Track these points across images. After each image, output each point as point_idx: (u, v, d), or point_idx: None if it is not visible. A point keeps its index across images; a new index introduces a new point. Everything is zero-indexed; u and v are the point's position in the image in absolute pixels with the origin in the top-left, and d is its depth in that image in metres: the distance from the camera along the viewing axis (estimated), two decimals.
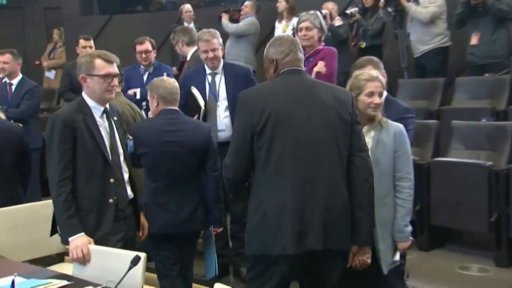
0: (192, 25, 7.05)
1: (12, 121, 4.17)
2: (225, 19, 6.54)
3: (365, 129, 2.75)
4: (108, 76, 2.76)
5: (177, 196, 3.14)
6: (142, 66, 5.04)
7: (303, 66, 2.57)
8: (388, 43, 6.29)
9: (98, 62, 2.76)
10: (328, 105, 2.44)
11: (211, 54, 3.92)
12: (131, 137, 3.15)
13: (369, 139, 2.73)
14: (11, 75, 5.41)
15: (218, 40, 3.98)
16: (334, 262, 2.46)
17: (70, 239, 2.62)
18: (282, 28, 6.20)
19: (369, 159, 2.51)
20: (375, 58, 3.30)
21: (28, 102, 5.31)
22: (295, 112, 2.40)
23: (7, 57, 5.38)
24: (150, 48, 4.98)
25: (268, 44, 2.61)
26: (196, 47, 4.76)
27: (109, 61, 2.78)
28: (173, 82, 3.29)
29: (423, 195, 4.23)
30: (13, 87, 5.42)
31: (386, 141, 2.72)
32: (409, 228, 2.73)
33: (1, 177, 3.68)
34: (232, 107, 3.85)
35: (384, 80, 2.88)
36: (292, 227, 2.33)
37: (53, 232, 2.80)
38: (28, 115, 5.25)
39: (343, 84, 3.04)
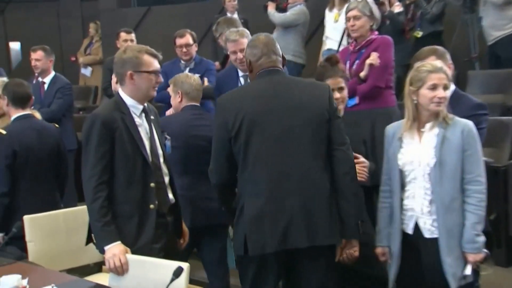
0: (236, 15, 7.03)
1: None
2: (271, 8, 6.48)
3: (428, 126, 2.70)
4: (156, 72, 2.80)
5: (203, 189, 3.24)
6: (182, 61, 5.06)
7: (279, 66, 2.79)
8: (455, 29, 6.05)
9: (146, 57, 2.78)
10: (302, 103, 2.66)
11: (240, 55, 3.85)
12: (169, 137, 3.22)
13: (432, 136, 2.68)
14: (44, 73, 5.52)
15: (247, 40, 3.83)
16: (321, 258, 2.63)
17: (106, 247, 2.64)
18: (334, 17, 6.09)
19: (350, 152, 2.69)
20: (440, 48, 3.19)
21: (59, 101, 5.39)
22: (268, 114, 2.63)
23: (39, 54, 5.47)
24: (191, 41, 4.99)
25: (247, 44, 2.91)
26: None
27: (156, 57, 2.82)
28: (197, 79, 3.51)
29: (499, 202, 4.06)
30: (46, 86, 5.52)
31: (453, 139, 2.64)
32: (481, 238, 2.64)
33: (38, 181, 3.77)
34: None
35: (450, 72, 2.80)
36: (271, 225, 2.56)
37: (88, 240, 2.83)
38: (59, 115, 5.33)
39: (402, 78, 2.96)
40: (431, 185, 2.68)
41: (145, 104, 2.86)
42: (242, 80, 3.96)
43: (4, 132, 3.73)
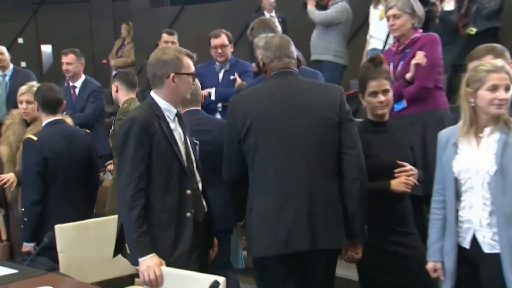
0: (273, 13, 7.00)
1: (77, 126, 4.28)
2: (311, 6, 6.41)
3: (487, 130, 2.61)
4: (194, 75, 2.85)
5: (210, 195, 3.18)
6: (217, 63, 5.05)
7: (292, 68, 2.91)
8: None
9: (186, 59, 2.80)
10: (312, 106, 2.77)
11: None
12: (197, 142, 3.23)
13: (492, 142, 2.59)
14: (74, 77, 5.57)
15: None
16: (325, 262, 2.78)
17: (140, 259, 2.62)
18: (379, 15, 5.98)
19: (360, 156, 2.77)
20: (498, 46, 3.09)
21: (93, 105, 5.43)
22: (276, 115, 2.76)
23: (70, 57, 5.53)
24: (226, 42, 4.98)
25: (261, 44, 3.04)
26: None
27: (192, 58, 2.85)
28: (197, 82, 3.41)
29: None
30: (77, 90, 5.57)
31: None
32: None
33: (68, 189, 3.79)
34: None
35: None
36: (275, 228, 2.70)
37: (116, 252, 2.81)
38: (93, 120, 5.40)
39: (452, 78, 2.87)
40: (491, 195, 2.58)
41: (178, 108, 2.86)
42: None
43: (35, 138, 3.77)
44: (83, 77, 5.62)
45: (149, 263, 2.59)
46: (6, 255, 4.23)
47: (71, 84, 5.61)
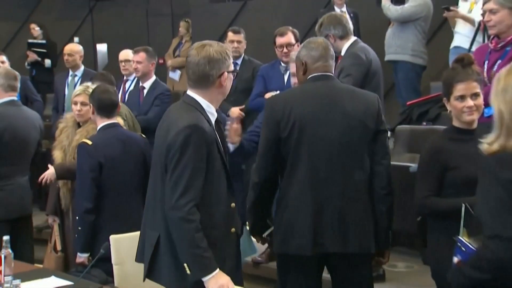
0: (344, 8, 6.97)
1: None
2: (385, 1, 6.34)
3: None
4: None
5: None
6: (282, 63, 5.06)
7: (333, 72, 3.19)
8: None
9: (231, 57, 2.85)
10: (351, 112, 3.04)
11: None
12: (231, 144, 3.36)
13: None
14: (144, 77, 5.66)
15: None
16: (355, 266, 3.07)
17: (207, 277, 2.61)
18: (470, 7, 5.85)
19: (389, 167, 3.07)
20: None
21: (157, 108, 5.45)
22: (320, 119, 3.02)
23: (141, 56, 5.62)
24: (292, 40, 4.99)
25: (302, 44, 3.25)
26: (352, 39, 4.68)
27: None
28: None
29: None
30: (145, 91, 5.67)
31: None
32: None
33: (123, 197, 3.88)
34: None
35: None
36: (312, 227, 2.98)
37: (150, 272, 2.78)
38: (155, 124, 5.42)
39: None
40: None
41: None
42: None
43: (89, 142, 3.87)
44: (153, 78, 5.70)
45: (222, 281, 2.61)
46: (61, 266, 4.36)
47: (140, 84, 5.73)
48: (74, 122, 4.39)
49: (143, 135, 4.25)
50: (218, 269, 2.63)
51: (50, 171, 4.25)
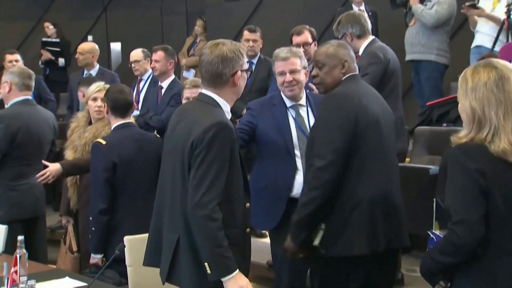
0: (362, 7, 6.96)
1: (155, 131, 4.38)
2: (416, 3, 6.25)
3: None
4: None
5: None
6: None
7: None
8: None
9: (244, 55, 2.88)
10: (388, 111, 3.33)
11: (289, 77, 3.67)
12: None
13: None
14: (162, 76, 5.70)
15: (300, 61, 3.71)
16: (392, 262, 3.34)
17: (227, 278, 2.63)
18: (492, 4, 5.81)
19: None
20: None
21: (172, 109, 5.40)
22: (377, 117, 3.16)
23: (159, 54, 5.66)
24: (309, 39, 4.99)
25: (336, 43, 3.36)
26: (369, 38, 4.68)
27: None
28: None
29: None
30: (163, 91, 5.70)
31: None
32: None
33: (137, 198, 3.92)
34: None
35: None
36: (380, 226, 3.09)
37: (169, 275, 2.78)
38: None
39: None
40: None
41: None
42: (292, 112, 3.73)
43: (103, 142, 3.91)
44: (171, 77, 5.72)
45: (241, 283, 2.63)
46: (77, 266, 4.42)
47: (159, 83, 5.76)
48: (86, 121, 4.44)
49: (158, 135, 4.27)
50: (237, 270, 2.64)
51: (54, 167, 4.23)
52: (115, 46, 11.44)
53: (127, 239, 3.39)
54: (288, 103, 3.75)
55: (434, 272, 2.54)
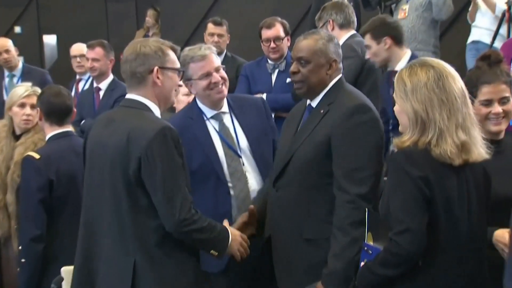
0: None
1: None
2: None
3: None
4: (180, 71, 3.18)
5: None
6: (270, 61, 5.15)
7: None
8: None
9: (171, 53, 3.06)
10: None
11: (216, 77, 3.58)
12: None
13: None
14: (101, 77, 5.68)
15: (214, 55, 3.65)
16: None
17: (229, 244, 3.10)
18: None
19: None
20: None
21: None
22: None
23: (98, 52, 5.62)
24: (281, 33, 5.06)
25: (326, 37, 3.26)
26: (351, 32, 4.73)
27: (177, 52, 3.14)
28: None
29: None
30: (101, 93, 5.66)
31: None
32: None
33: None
34: (260, 161, 3.62)
35: None
36: None
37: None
38: None
39: None
40: None
41: None
42: (214, 124, 3.64)
43: (37, 156, 3.83)
44: (110, 77, 5.72)
45: (237, 238, 3.17)
46: None
47: (95, 85, 5.72)
48: (8, 131, 4.28)
49: None
50: (228, 231, 3.09)
51: None
52: (49, 40, 11.31)
53: (65, 270, 3.35)
54: (208, 113, 3.63)
55: (374, 285, 2.71)
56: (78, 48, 6.17)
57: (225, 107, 3.66)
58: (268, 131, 3.68)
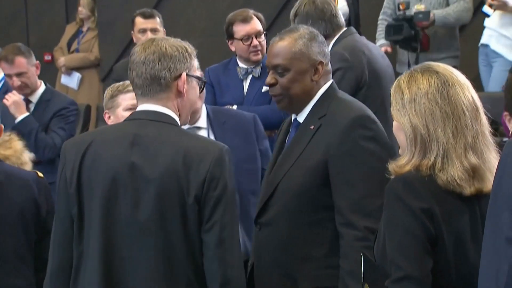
0: None
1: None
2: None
3: None
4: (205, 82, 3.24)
5: None
6: (241, 64, 5.18)
7: None
8: None
9: (195, 58, 3.02)
10: None
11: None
12: None
13: None
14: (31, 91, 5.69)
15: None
16: None
17: None
18: None
19: None
20: None
21: (62, 132, 5.53)
22: None
23: (20, 63, 5.57)
24: (260, 27, 5.10)
25: (308, 34, 3.25)
26: (338, 33, 4.79)
27: None
28: None
29: None
30: (32, 106, 5.68)
31: None
32: None
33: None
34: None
35: None
36: None
37: None
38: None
39: None
40: None
41: None
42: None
43: None
44: (42, 87, 5.76)
45: None
46: None
47: (23, 97, 5.66)
48: None
49: (39, 173, 4.08)
50: None
51: None
52: None
53: None
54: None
55: None
56: None
57: (202, 121, 3.77)
58: (254, 159, 3.79)
